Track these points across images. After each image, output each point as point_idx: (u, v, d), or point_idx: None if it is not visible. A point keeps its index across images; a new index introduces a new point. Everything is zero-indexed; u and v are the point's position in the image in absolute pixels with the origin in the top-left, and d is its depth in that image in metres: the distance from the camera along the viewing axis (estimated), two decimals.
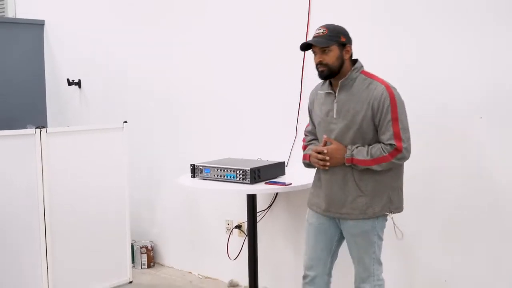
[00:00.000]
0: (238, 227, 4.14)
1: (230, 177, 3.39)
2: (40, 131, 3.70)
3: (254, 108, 3.97)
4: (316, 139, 2.95)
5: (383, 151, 2.62)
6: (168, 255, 4.71)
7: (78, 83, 5.31)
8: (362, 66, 2.77)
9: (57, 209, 3.79)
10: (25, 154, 3.65)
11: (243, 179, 3.34)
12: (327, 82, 2.83)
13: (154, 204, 4.77)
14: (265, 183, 3.35)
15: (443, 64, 3.13)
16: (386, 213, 2.73)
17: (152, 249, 4.69)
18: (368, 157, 2.63)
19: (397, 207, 2.78)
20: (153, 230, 4.78)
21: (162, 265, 4.73)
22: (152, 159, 4.72)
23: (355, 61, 2.78)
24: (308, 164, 2.91)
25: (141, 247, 4.63)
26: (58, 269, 3.82)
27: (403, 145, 2.62)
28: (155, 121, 4.67)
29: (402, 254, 3.36)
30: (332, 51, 2.70)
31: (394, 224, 2.75)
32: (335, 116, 2.74)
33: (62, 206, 3.82)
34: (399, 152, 2.61)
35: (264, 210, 3.93)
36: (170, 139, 4.57)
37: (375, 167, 2.64)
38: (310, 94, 3.00)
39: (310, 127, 3.02)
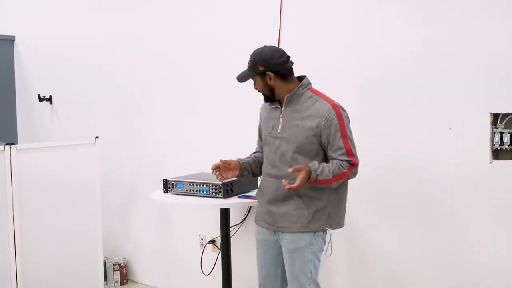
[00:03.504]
0: (212, 242, 4.12)
1: (203, 191, 3.39)
2: (10, 147, 3.64)
3: (226, 122, 3.98)
4: (260, 152, 3.02)
5: (342, 167, 2.68)
6: (142, 272, 4.67)
7: (49, 99, 5.27)
8: (309, 83, 2.83)
9: (28, 226, 3.73)
10: None
11: (216, 193, 3.34)
12: None
13: (127, 220, 4.72)
14: (238, 197, 3.36)
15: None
16: (326, 228, 2.77)
17: (125, 266, 4.64)
18: (330, 175, 2.66)
19: (337, 223, 2.82)
20: (126, 246, 4.74)
21: (135, 282, 4.68)
22: (125, 174, 4.69)
23: (303, 77, 2.83)
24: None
25: (114, 264, 4.57)
26: (28, 287, 3.74)
27: (357, 161, 2.73)
28: (127, 136, 4.65)
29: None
30: (257, 81, 2.82)
31: (330, 240, 2.81)
32: (279, 131, 2.80)
33: (33, 223, 3.76)
34: (354, 166, 2.71)
35: (238, 224, 3.92)
36: (143, 154, 4.55)
37: (333, 185, 2.69)
38: (260, 109, 3.04)
39: (258, 140, 3.09)
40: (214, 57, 4.04)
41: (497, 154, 2.96)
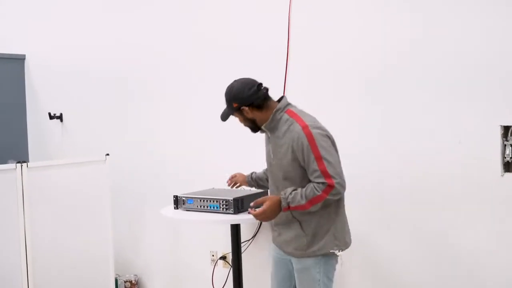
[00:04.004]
0: (223, 258, 4.11)
1: (214, 207, 3.39)
2: (21, 165, 3.67)
3: (236, 137, 3.97)
4: None
5: (316, 190, 2.57)
6: None
7: (60, 117, 5.30)
8: (287, 105, 2.76)
9: (39, 244, 3.74)
10: (6, 189, 3.61)
11: (226, 209, 3.34)
12: None
13: (138, 237, 4.72)
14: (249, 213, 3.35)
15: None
16: (331, 251, 2.70)
17: (137, 283, 4.63)
18: (303, 201, 2.58)
19: (345, 243, 2.76)
20: (137, 263, 4.73)
21: None
22: (136, 191, 4.69)
23: (282, 98, 2.80)
24: None
25: (125, 281, 4.56)
26: None
27: (335, 181, 2.56)
28: (138, 152, 4.66)
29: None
30: (237, 117, 2.84)
31: (341, 261, 2.73)
32: (272, 156, 2.79)
33: (44, 240, 3.77)
34: (332, 188, 2.56)
35: (249, 240, 3.91)
36: (153, 170, 4.55)
37: (311, 209, 2.60)
38: None
39: None
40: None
41: (508, 167, 2.94)
